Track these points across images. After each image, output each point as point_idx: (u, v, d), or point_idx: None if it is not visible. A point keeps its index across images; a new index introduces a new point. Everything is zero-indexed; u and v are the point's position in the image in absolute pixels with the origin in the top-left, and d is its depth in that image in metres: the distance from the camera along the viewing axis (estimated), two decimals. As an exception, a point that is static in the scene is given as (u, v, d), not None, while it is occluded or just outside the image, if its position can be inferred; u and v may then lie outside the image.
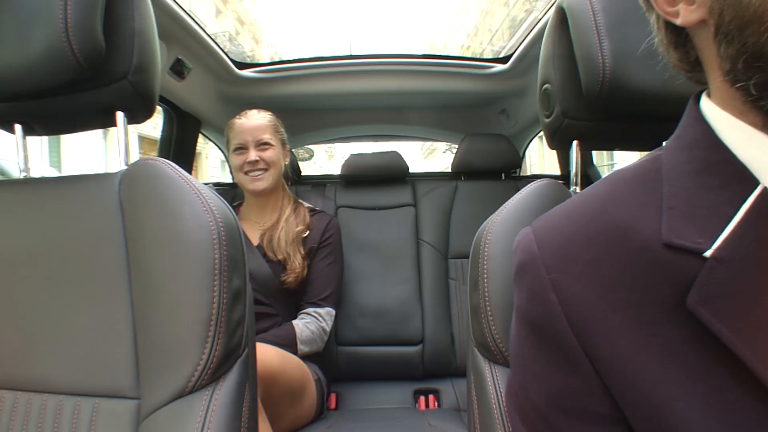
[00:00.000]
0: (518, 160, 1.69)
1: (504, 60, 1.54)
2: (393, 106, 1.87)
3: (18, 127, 0.66)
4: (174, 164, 0.54)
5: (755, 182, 0.31)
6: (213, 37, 1.37)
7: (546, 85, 0.70)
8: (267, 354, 0.93)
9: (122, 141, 0.64)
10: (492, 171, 1.65)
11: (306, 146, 2.31)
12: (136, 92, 0.61)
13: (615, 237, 0.34)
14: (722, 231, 0.31)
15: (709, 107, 0.35)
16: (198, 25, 1.26)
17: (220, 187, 1.71)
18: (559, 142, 0.70)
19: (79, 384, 0.50)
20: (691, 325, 0.30)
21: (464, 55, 1.65)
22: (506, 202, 0.59)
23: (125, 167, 0.63)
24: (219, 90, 1.56)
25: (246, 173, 1.23)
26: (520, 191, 0.60)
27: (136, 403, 0.48)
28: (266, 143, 1.24)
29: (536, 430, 0.36)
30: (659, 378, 0.31)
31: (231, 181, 1.94)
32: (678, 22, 0.34)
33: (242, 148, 1.24)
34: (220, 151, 1.84)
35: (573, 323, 0.33)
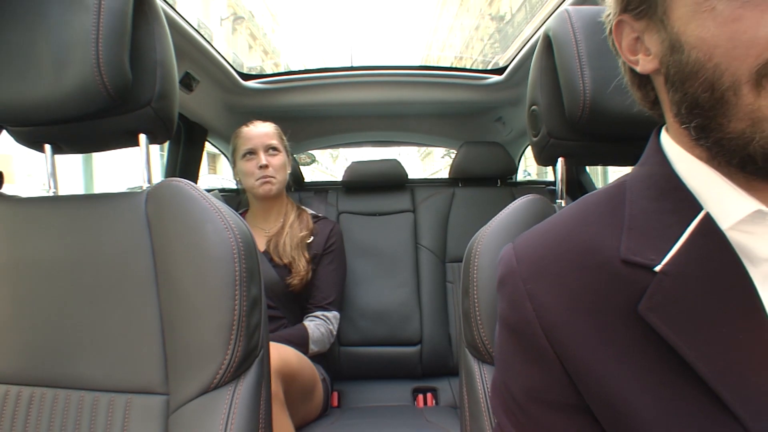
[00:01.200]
0: (514, 168, 1.75)
1: (500, 71, 1.59)
2: (393, 113, 1.92)
3: (47, 147, 0.72)
4: (195, 185, 0.60)
5: (700, 207, 0.37)
6: (219, 51, 1.43)
7: (533, 107, 0.76)
8: (288, 354, 0.99)
9: (144, 161, 0.70)
10: (488, 178, 1.71)
11: (308, 151, 2.37)
12: (158, 117, 0.67)
13: (582, 254, 0.40)
14: (670, 249, 0.36)
15: (666, 140, 0.41)
16: (205, 40, 1.32)
17: (225, 193, 1.76)
18: (545, 159, 0.76)
19: (113, 381, 0.56)
20: (643, 328, 0.36)
21: (461, 66, 1.70)
22: (495, 217, 0.64)
23: (148, 185, 0.69)
24: (225, 100, 1.62)
25: (257, 179, 1.28)
26: (507, 206, 0.66)
27: (165, 398, 0.54)
28: (275, 148, 1.30)
29: (515, 418, 0.42)
30: (616, 373, 0.36)
31: (235, 186, 2.00)
32: (638, 69, 0.40)
33: (252, 153, 1.29)
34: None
35: (545, 327, 0.39)
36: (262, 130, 1.31)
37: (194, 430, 0.50)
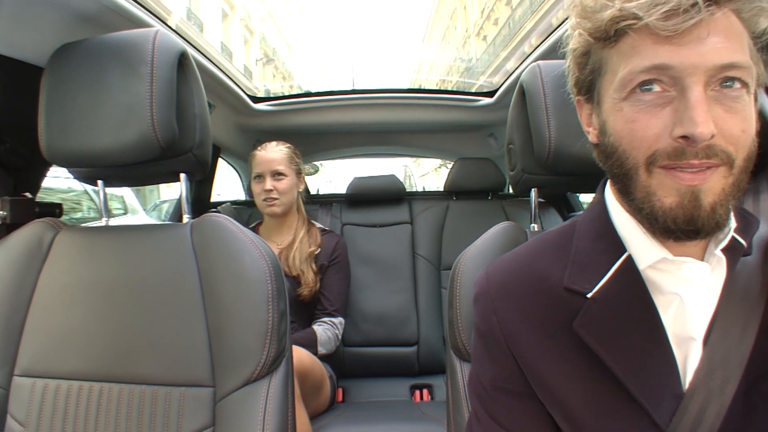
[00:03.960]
0: (503, 182, 1.88)
1: (490, 94, 1.72)
2: (392, 130, 2.05)
3: (100, 183, 0.85)
4: (233, 219, 0.74)
5: (624, 250, 0.49)
6: (233, 78, 1.57)
7: (510, 145, 0.90)
8: (302, 355, 1.13)
9: (185, 196, 0.83)
10: (480, 191, 1.85)
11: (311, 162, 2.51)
12: (197, 160, 0.80)
13: (536, 281, 0.53)
14: (600, 281, 0.49)
15: (608, 192, 0.53)
16: (221, 70, 1.45)
17: (238, 205, 1.89)
18: (521, 190, 0.90)
19: (169, 377, 0.70)
20: (576, 339, 0.48)
21: (455, 89, 1.83)
22: (474, 242, 0.77)
23: (189, 216, 0.83)
24: (237, 122, 1.75)
25: (264, 200, 1.43)
26: (486, 232, 0.78)
27: (212, 390, 0.68)
28: (281, 174, 1.43)
29: (484, 402, 0.55)
30: (555, 370, 0.50)
31: (245, 197, 2.13)
32: (590, 138, 0.52)
33: (260, 177, 1.44)
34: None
35: (505, 335, 0.53)
36: (270, 156, 1.44)
37: (239, 414, 0.65)
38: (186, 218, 0.83)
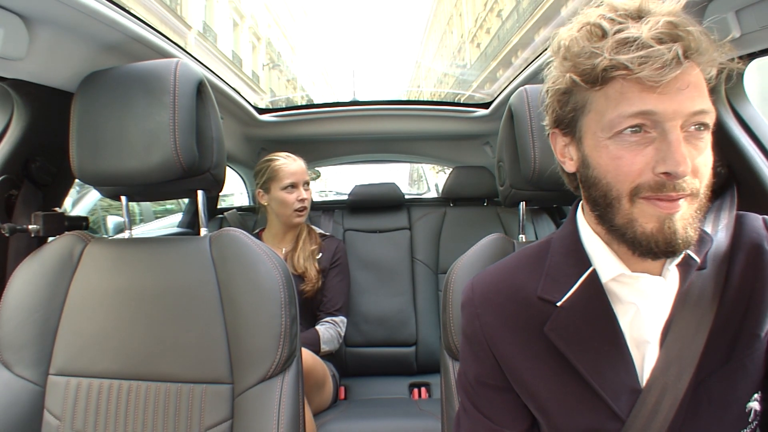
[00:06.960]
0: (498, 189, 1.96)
1: (486, 105, 1.79)
2: (391, 139, 2.14)
3: (123, 198, 0.93)
4: (247, 234, 0.82)
5: (590, 265, 0.56)
6: (239, 92, 1.64)
7: (500, 162, 0.98)
8: (304, 355, 1.21)
9: (203, 212, 0.91)
10: (475, 198, 1.93)
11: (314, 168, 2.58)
12: (214, 179, 0.88)
13: (514, 291, 0.60)
14: (568, 291, 0.56)
15: (580, 214, 0.60)
16: (229, 86, 1.53)
17: (243, 212, 1.96)
18: (510, 203, 0.98)
19: (191, 376, 0.78)
20: (547, 341, 0.56)
21: (452, 101, 1.89)
22: (467, 251, 0.85)
23: (206, 229, 0.91)
24: (243, 132, 1.82)
25: (294, 209, 1.49)
26: (476, 244, 0.86)
27: (230, 386, 0.76)
28: (308, 183, 1.52)
29: (470, 395, 0.63)
30: (529, 368, 0.57)
31: (248, 203, 2.21)
32: (565, 168, 0.58)
33: (293, 187, 1.49)
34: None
35: (487, 337, 0.60)
36: (301, 167, 1.51)
37: (256, 407, 0.73)
38: (203, 231, 0.91)
